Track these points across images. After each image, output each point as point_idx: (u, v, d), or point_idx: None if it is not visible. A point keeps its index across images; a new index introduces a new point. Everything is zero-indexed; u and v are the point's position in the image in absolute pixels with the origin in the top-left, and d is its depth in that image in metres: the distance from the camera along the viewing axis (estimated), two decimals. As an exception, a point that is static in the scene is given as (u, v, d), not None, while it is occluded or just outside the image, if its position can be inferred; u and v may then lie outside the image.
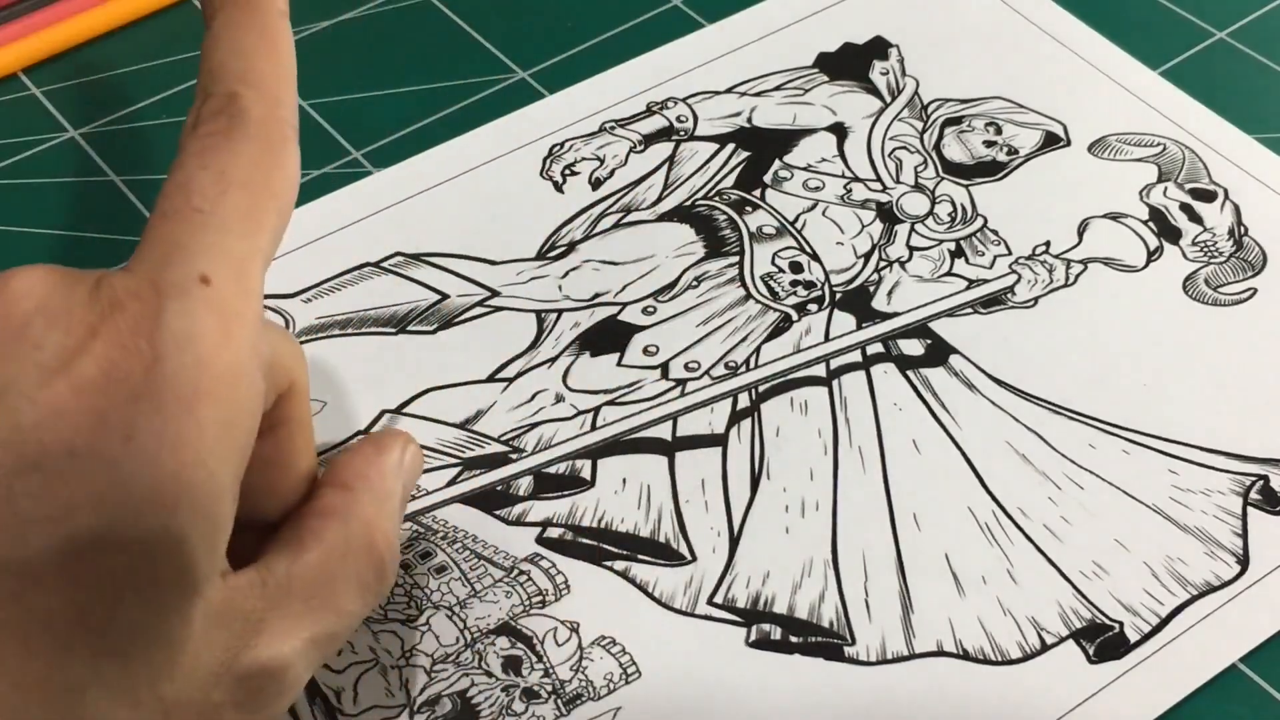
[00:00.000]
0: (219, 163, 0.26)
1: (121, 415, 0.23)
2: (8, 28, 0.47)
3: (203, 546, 0.24)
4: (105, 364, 0.23)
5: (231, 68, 0.27)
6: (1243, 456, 0.37)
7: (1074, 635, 0.34)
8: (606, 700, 0.33)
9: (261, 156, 0.26)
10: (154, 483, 0.23)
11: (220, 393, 0.24)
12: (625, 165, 0.44)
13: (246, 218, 0.26)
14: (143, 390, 0.23)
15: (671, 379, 0.39)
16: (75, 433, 0.23)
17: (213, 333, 0.24)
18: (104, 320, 0.23)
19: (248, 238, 0.25)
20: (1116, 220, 0.42)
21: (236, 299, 0.25)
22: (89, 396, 0.23)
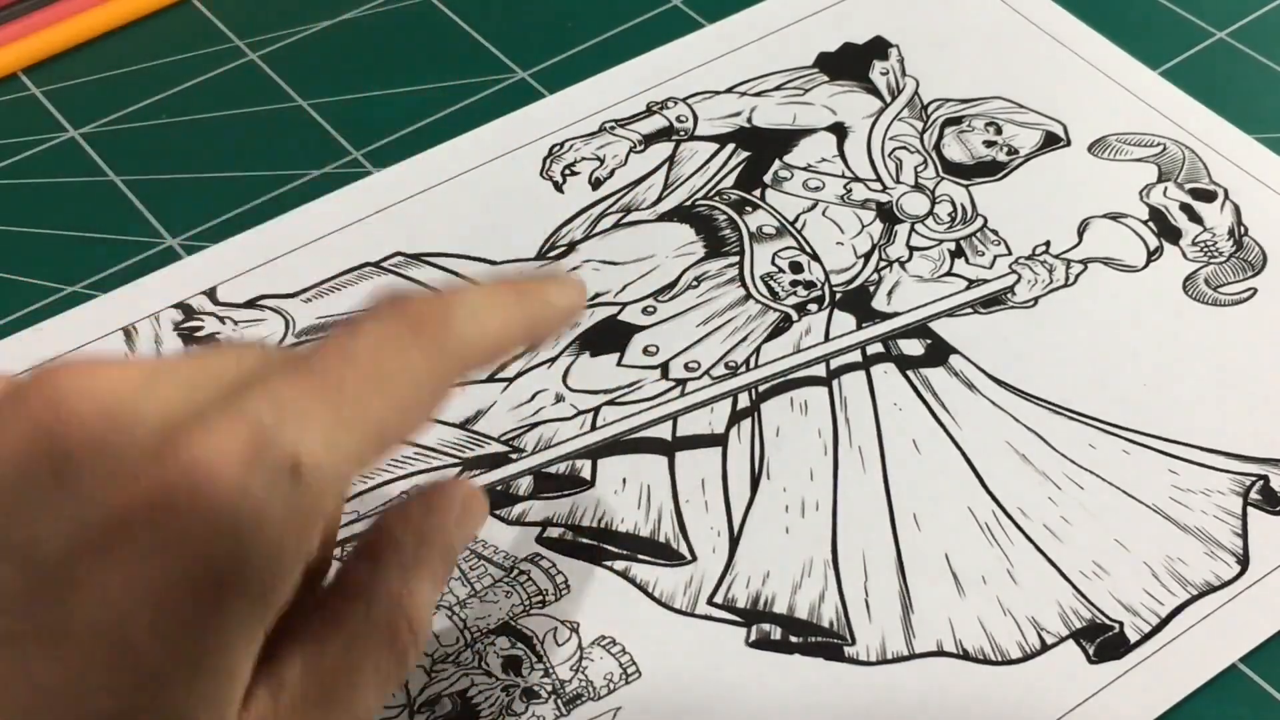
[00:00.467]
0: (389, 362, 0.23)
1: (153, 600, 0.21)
2: (8, 28, 0.47)
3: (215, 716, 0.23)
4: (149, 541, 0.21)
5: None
6: (1243, 456, 0.37)
7: (1074, 635, 0.34)
8: (606, 700, 0.33)
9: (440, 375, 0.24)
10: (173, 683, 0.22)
11: (263, 590, 0.22)
12: (625, 165, 0.44)
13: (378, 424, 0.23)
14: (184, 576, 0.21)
15: (671, 379, 0.39)
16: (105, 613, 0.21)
17: (280, 529, 0.22)
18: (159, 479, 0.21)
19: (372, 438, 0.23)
20: (1116, 220, 0.42)
21: (320, 494, 0.22)
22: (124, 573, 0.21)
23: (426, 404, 0.24)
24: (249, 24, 0.49)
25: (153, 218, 0.43)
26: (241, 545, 0.21)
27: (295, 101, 0.46)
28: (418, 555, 0.26)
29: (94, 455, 0.21)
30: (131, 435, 0.22)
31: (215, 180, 0.44)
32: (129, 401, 0.22)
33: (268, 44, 0.48)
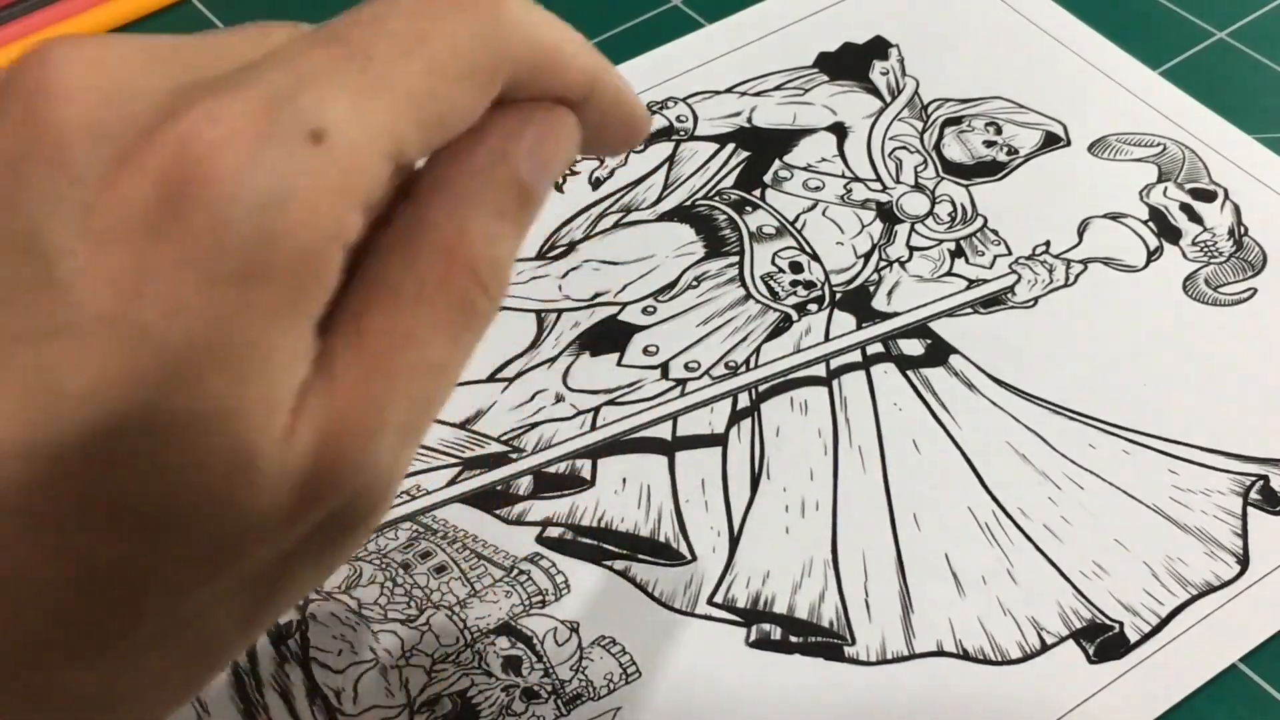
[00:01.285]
0: (425, 23, 0.21)
1: (168, 286, 0.19)
2: (8, 28, 0.47)
3: (255, 416, 0.20)
4: (158, 205, 0.20)
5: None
6: (1243, 456, 0.37)
7: (1074, 635, 0.34)
8: (606, 700, 0.33)
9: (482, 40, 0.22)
10: (200, 363, 0.20)
11: (295, 272, 0.20)
12: (625, 165, 0.44)
13: (414, 90, 0.21)
14: (199, 253, 0.19)
15: (671, 379, 0.39)
16: (112, 298, 0.19)
17: (306, 202, 0.20)
18: (163, 148, 0.20)
19: (408, 107, 0.21)
20: (1116, 220, 0.42)
21: (350, 161, 0.20)
22: (131, 255, 0.19)
23: (469, 81, 0.22)
24: (249, 24, 0.49)
25: (153, 218, 0.43)
26: (260, 225, 0.20)
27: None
28: (460, 185, 0.23)
29: (89, 138, 0.20)
30: (131, 114, 0.20)
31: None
32: (128, 80, 0.20)
33: (268, 44, 0.48)
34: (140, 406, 0.20)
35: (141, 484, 0.20)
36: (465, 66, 0.22)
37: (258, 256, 0.20)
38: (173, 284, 0.19)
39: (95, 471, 0.20)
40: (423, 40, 0.21)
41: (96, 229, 0.19)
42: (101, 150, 0.20)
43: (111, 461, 0.20)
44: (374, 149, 0.21)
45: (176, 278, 0.19)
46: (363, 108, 0.20)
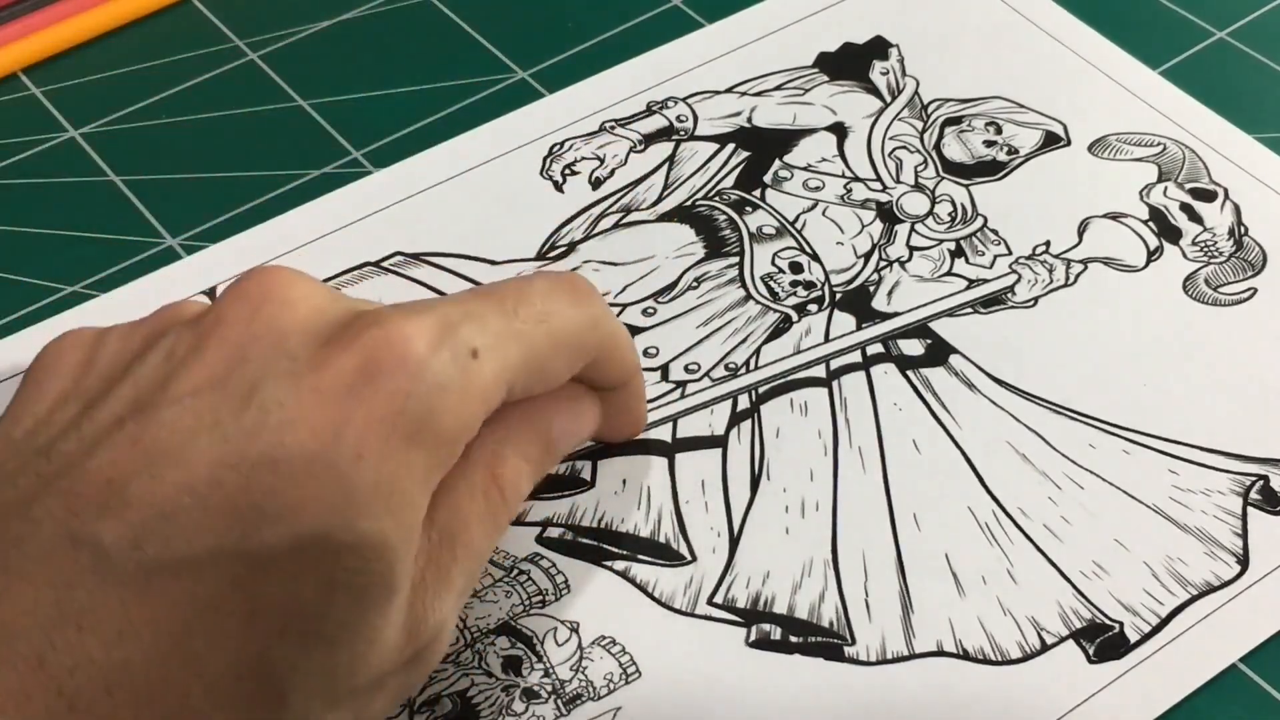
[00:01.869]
0: (553, 306, 0.30)
1: (356, 437, 0.25)
2: (8, 28, 0.47)
3: (403, 552, 0.26)
4: (355, 377, 0.26)
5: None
6: (1243, 456, 0.37)
7: (1074, 635, 0.34)
8: (606, 700, 0.33)
9: (585, 329, 0.30)
10: (373, 504, 0.25)
11: (438, 444, 0.27)
12: (625, 165, 0.44)
13: (537, 348, 0.29)
14: (384, 416, 0.26)
15: (671, 380, 0.39)
16: (315, 440, 0.25)
17: (457, 396, 0.27)
18: (366, 340, 0.26)
19: (529, 357, 0.29)
20: (1116, 220, 0.42)
21: (490, 378, 0.28)
22: (331, 406, 0.26)
23: (570, 354, 0.30)
24: (249, 24, 0.49)
25: (153, 218, 0.43)
26: (432, 403, 0.26)
27: (295, 101, 0.46)
28: (509, 428, 0.30)
29: (303, 332, 0.27)
30: (331, 321, 0.27)
31: (215, 180, 0.44)
32: (327, 299, 0.28)
33: (268, 44, 0.48)
34: (324, 529, 0.25)
35: (318, 598, 0.25)
36: (571, 343, 0.30)
37: (426, 424, 0.26)
38: (362, 435, 0.25)
39: (286, 583, 0.25)
40: (549, 317, 0.29)
41: (305, 392, 0.26)
42: (309, 344, 0.26)
43: (298, 575, 0.25)
44: (503, 377, 0.28)
45: (366, 430, 0.26)
46: (504, 345, 0.28)
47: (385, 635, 0.27)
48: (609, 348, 0.32)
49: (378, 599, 0.26)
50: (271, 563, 0.25)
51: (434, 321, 0.27)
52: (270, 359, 0.26)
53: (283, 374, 0.26)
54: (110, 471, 0.25)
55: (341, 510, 0.25)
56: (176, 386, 0.26)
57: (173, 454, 0.25)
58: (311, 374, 0.26)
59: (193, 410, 0.26)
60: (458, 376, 0.27)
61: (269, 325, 0.27)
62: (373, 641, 0.26)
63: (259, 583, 0.25)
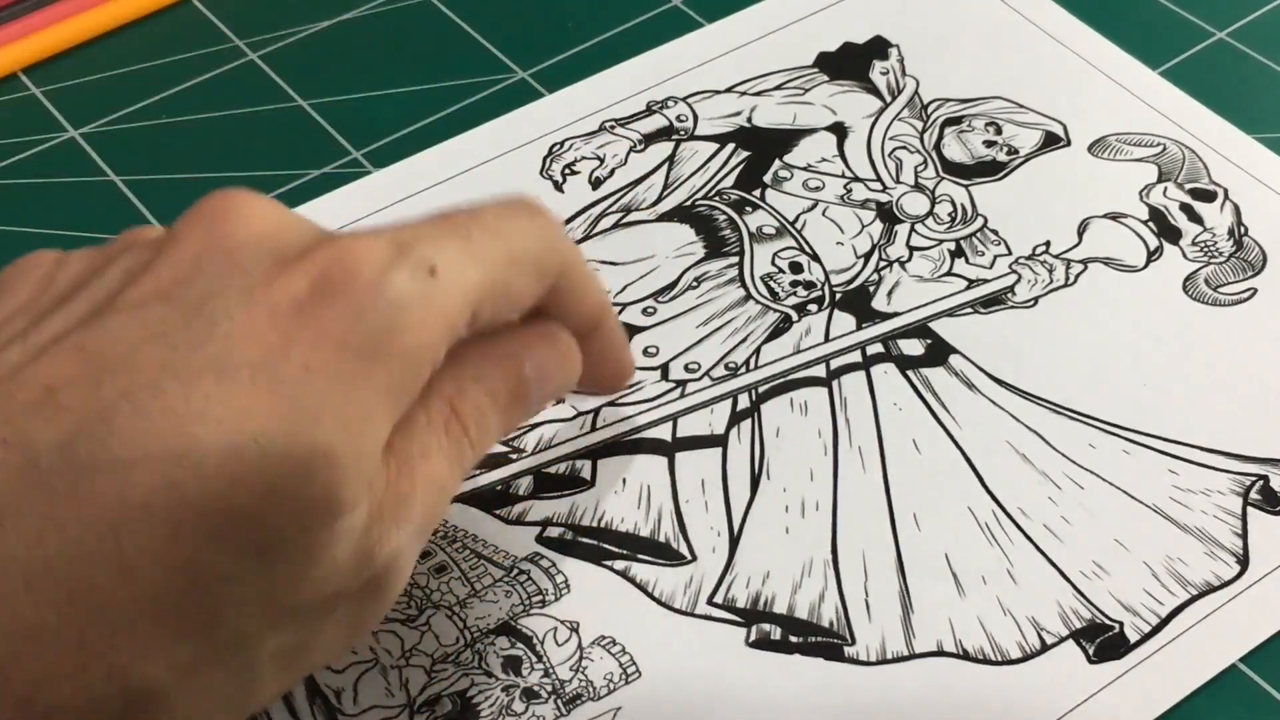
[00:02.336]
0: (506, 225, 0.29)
1: (306, 351, 0.25)
2: (8, 28, 0.47)
3: (352, 468, 0.25)
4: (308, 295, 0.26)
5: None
6: (1243, 456, 0.37)
7: (1074, 635, 0.34)
8: (606, 700, 0.33)
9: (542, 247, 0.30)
10: (321, 416, 0.25)
11: (399, 364, 0.26)
12: (625, 165, 0.44)
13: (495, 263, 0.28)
14: (337, 331, 0.25)
15: (671, 380, 0.39)
16: (262, 352, 0.25)
17: (417, 314, 0.26)
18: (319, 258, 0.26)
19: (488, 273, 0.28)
20: (1116, 220, 0.42)
21: (450, 297, 0.27)
22: (282, 322, 0.25)
23: (532, 271, 0.29)
24: (249, 24, 0.49)
25: (153, 218, 0.43)
26: (389, 320, 0.26)
27: (295, 101, 0.46)
28: (474, 363, 0.29)
29: (256, 248, 0.26)
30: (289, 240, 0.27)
31: (215, 180, 0.44)
32: (287, 220, 0.27)
33: (268, 44, 0.48)
34: (266, 437, 0.24)
35: (255, 506, 0.24)
36: (531, 260, 0.29)
37: (383, 341, 0.26)
38: (312, 350, 0.25)
39: (221, 487, 0.24)
40: (505, 233, 0.29)
41: (256, 306, 0.25)
42: (264, 261, 0.26)
43: (235, 480, 0.24)
44: (466, 296, 0.27)
45: (317, 345, 0.25)
46: (462, 264, 0.27)
47: (332, 555, 0.26)
48: (571, 272, 0.31)
49: (320, 514, 0.25)
50: (205, 466, 0.24)
51: (389, 241, 0.27)
52: (223, 273, 0.26)
53: (234, 288, 0.26)
54: (50, 378, 0.25)
55: (285, 420, 0.25)
56: (125, 298, 0.26)
57: (116, 361, 0.25)
58: (264, 289, 0.26)
59: (139, 320, 0.25)
60: (416, 294, 0.26)
61: (224, 241, 0.26)
62: (315, 559, 0.25)
63: (192, 486, 0.24)
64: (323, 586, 0.26)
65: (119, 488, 0.24)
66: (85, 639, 0.24)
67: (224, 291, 0.26)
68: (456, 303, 0.27)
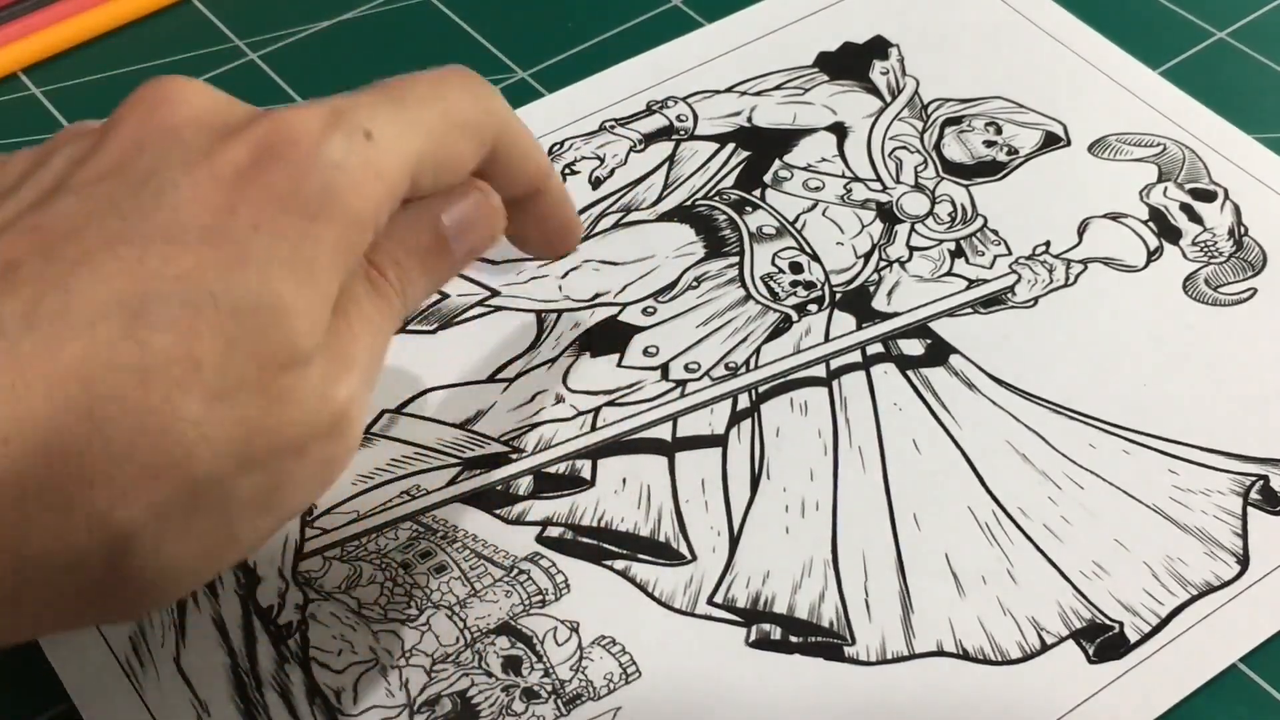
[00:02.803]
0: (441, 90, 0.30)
1: (252, 212, 0.26)
2: (8, 28, 0.47)
3: (304, 317, 0.27)
4: (249, 163, 0.27)
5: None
6: (1243, 456, 0.37)
7: (1074, 635, 0.34)
8: (606, 700, 0.33)
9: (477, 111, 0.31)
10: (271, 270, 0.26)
11: (341, 222, 0.27)
12: (625, 165, 0.44)
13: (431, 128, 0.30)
14: (280, 193, 0.27)
15: (671, 380, 0.39)
16: (210, 216, 0.26)
17: (356, 174, 0.27)
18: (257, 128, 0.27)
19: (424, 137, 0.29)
20: (1116, 220, 0.42)
21: (387, 159, 0.28)
22: (226, 188, 0.26)
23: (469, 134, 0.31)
24: (249, 24, 0.49)
25: (153, 218, 0.43)
26: (327, 180, 0.27)
27: (295, 101, 0.46)
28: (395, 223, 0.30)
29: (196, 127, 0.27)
30: (227, 117, 0.28)
31: (215, 180, 0.44)
32: (222, 102, 0.29)
33: (268, 44, 0.48)
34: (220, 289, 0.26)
35: (215, 356, 0.26)
36: (468, 123, 0.30)
37: (325, 201, 0.27)
38: (258, 210, 0.26)
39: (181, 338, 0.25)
40: (440, 98, 0.30)
41: (200, 175, 0.26)
42: (204, 136, 0.27)
43: (194, 333, 0.26)
44: (404, 159, 0.28)
45: (261, 206, 0.26)
46: (398, 128, 0.29)
47: (294, 399, 0.27)
48: (509, 135, 0.32)
49: (279, 360, 0.26)
50: (164, 320, 0.25)
51: (325, 110, 0.28)
52: (166, 149, 0.27)
53: (178, 162, 0.27)
54: (7, 256, 0.26)
55: (238, 274, 0.26)
56: (74, 179, 0.27)
57: (70, 235, 0.26)
58: (206, 161, 0.27)
59: (88, 196, 0.27)
60: (354, 155, 0.28)
61: (164, 120, 0.28)
62: (278, 403, 0.27)
63: (153, 339, 0.25)
64: (288, 430, 0.27)
65: (83, 345, 0.25)
66: (64, 488, 0.25)
67: (168, 166, 0.27)
68: (393, 163, 0.28)
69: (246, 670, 0.33)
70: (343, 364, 0.28)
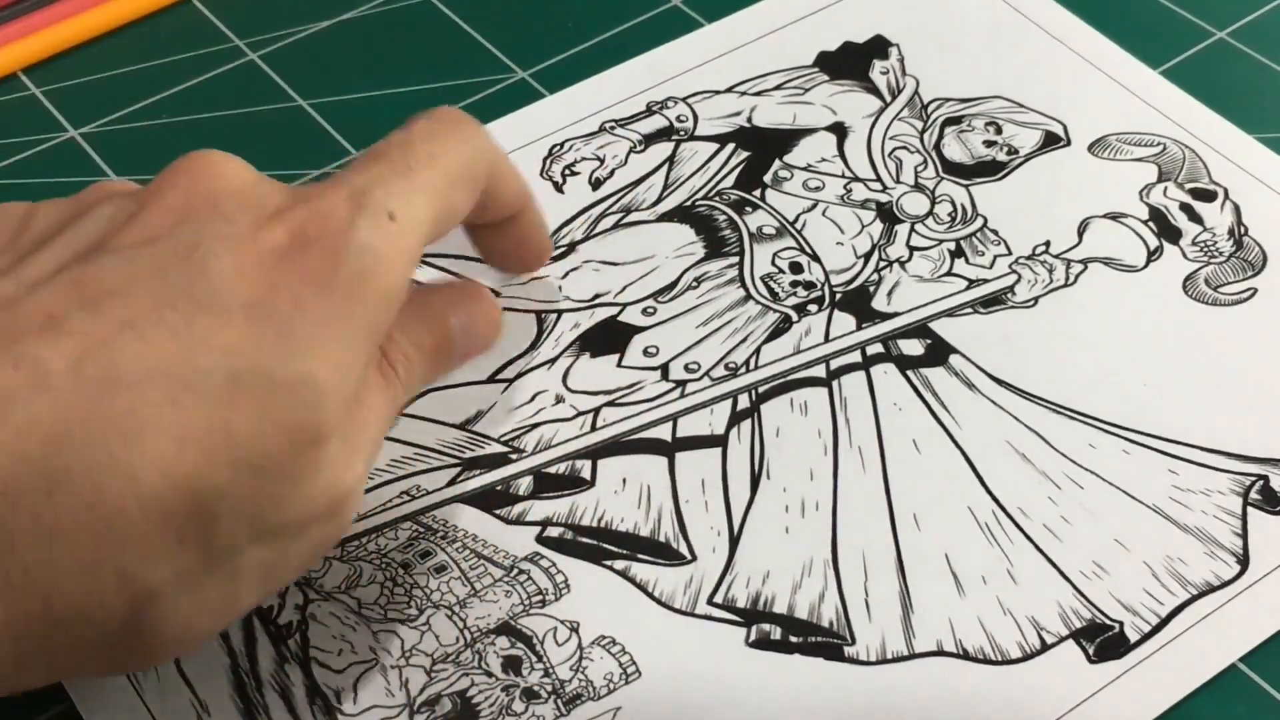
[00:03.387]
0: (437, 147, 0.31)
1: (293, 292, 0.27)
2: (8, 28, 0.47)
3: (333, 398, 0.28)
4: (289, 246, 0.28)
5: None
6: (1243, 456, 0.37)
7: (1074, 635, 0.34)
8: (606, 700, 0.33)
9: (471, 160, 0.32)
10: (311, 349, 0.27)
11: (375, 302, 0.29)
12: (625, 165, 0.44)
13: (437, 190, 0.31)
14: (318, 275, 0.28)
15: (671, 380, 0.39)
16: (253, 292, 0.27)
17: (386, 255, 0.29)
18: (295, 214, 0.28)
19: (434, 202, 0.31)
20: (1116, 220, 0.42)
21: (408, 239, 0.30)
22: (268, 268, 0.28)
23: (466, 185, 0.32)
24: (249, 24, 0.49)
25: (153, 218, 0.43)
26: (361, 263, 0.28)
27: (295, 101, 0.46)
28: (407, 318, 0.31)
29: (237, 200, 0.29)
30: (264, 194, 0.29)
31: (215, 180, 0.44)
32: (255, 178, 0.30)
33: (268, 44, 0.48)
34: (261, 367, 0.27)
35: (252, 429, 0.27)
36: (466, 177, 0.32)
37: (359, 283, 0.28)
38: (297, 290, 0.28)
39: (222, 410, 0.26)
40: (438, 156, 0.31)
41: (243, 252, 0.28)
42: (244, 213, 0.28)
43: (234, 405, 0.26)
44: (421, 230, 0.30)
45: (300, 287, 0.28)
46: (411, 201, 0.30)
47: (312, 478, 0.28)
48: (496, 175, 0.33)
49: (308, 439, 0.27)
50: (208, 390, 0.26)
51: (349, 194, 0.29)
52: (209, 222, 0.28)
53: (221, 235, 0.28)
54: (51, 308, 0.26)
55: (279, 351, 0.27)
56: (118, 240, 0.28)
57: (115, 293, 0.27)
58: (250, 239, 0.28)
59: (132, 259, 0.27)
60: (381, 238, 0.29)
61: (207, 194, 0.29)
62: (299, 481, 0.28)
63: (196, 408, 0.26)
64: (302, 508, 0.28)
65: (127, 405, 0.26)
66: (99, 543, 0.25)
67: (211, 238, 0.28)
68: (414, 239, 0.30)
69: (246, 670, 0.33)
70: (353, 448, 0.29)
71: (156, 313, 0.26)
